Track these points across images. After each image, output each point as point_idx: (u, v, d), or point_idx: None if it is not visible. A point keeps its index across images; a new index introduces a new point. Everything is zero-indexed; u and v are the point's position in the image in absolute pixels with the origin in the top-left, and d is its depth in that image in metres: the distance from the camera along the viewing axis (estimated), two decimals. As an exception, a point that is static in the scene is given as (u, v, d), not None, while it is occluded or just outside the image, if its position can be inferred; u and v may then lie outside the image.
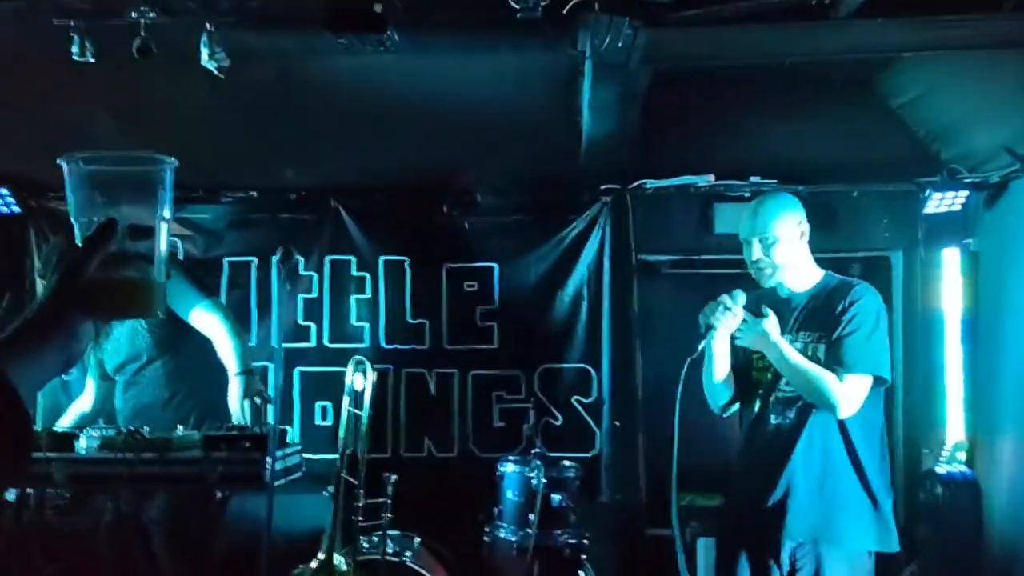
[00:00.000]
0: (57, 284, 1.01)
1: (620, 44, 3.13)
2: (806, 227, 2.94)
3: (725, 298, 2.85)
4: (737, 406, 3.03)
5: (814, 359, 2.78)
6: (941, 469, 4.45)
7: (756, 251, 2.88)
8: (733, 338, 2.92)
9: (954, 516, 4.31)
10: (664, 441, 3.03)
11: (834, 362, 2.75)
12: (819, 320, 2.84)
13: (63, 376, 4.85)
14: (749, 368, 2.97)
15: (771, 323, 2.82)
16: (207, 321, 3.41)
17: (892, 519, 2.89)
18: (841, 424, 2.77)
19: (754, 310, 2.88)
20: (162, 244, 1.06)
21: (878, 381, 2.79)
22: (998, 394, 4.34)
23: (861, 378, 2.74)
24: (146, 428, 3.10)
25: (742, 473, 2.99)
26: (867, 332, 2.76)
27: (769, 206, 2.93)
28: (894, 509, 4.64)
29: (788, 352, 2.78)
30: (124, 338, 3.57)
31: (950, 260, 4.79)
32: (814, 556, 2.78)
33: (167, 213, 1.06)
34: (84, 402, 3.83)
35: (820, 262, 4.94)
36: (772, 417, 2.85)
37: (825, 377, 2.73)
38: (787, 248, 2.87)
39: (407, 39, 3.21)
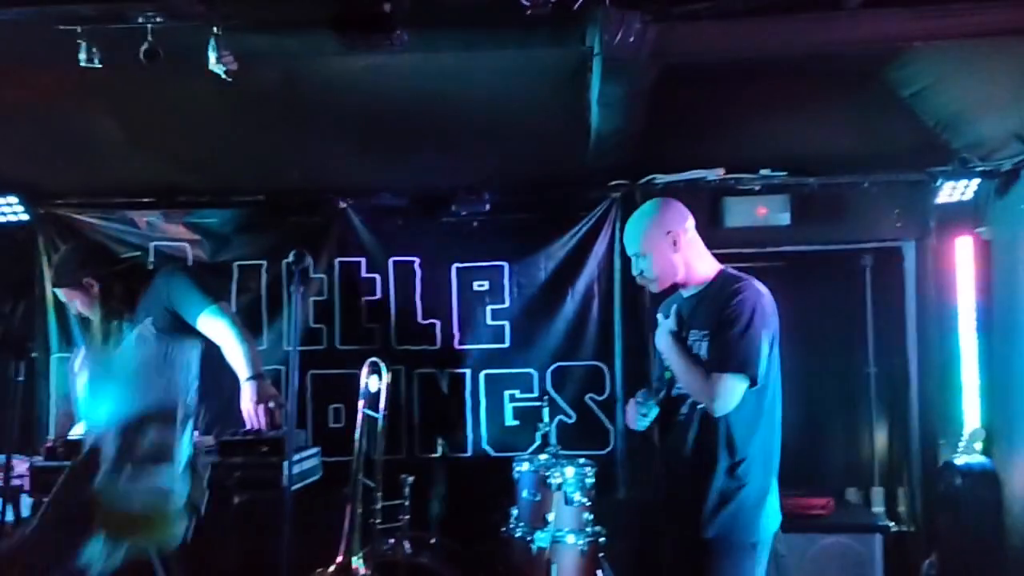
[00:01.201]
0: None
1: (630, 39, 3.11)
2: (682, 231, 2.96)
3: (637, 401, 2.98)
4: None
5: (700, 355, 2.83)
6: (959, 460, 4.42)
7: (634, 267, 3.01)
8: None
9: (973, 506, 4.29)
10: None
11: (708, 360, 2.80)
12: (704, 317, 2.88)
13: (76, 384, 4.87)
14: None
15: (667, 324, 2.94)
16: (214, 327, 3.40)
17: (779, 509, 2.92)
18: (721, 419, 2.78)
19: (665, 313, 3.03)
20: None
21: (749, 381, 2.77)
22: (1014, 382, 4.32)
23: (731, 377, 2.74)
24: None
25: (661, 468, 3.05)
26: (739, 331, 2.76)
27: (634, 222, 3.02)
28: (910, 499, 4.67)
29: (675, 352, 2.88)
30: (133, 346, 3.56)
31: (962, 249, 4.76)
32: (708, 549, 2.80)
33: None
34: None
35: (833, 253, 4.97)
36: (671, 415, 2.94)
37: (700, 375, 2.79)
38: (661, 258, 2.93)
39: (415, 38, 3.20)
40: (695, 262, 2.99)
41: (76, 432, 3.78)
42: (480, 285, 4.94)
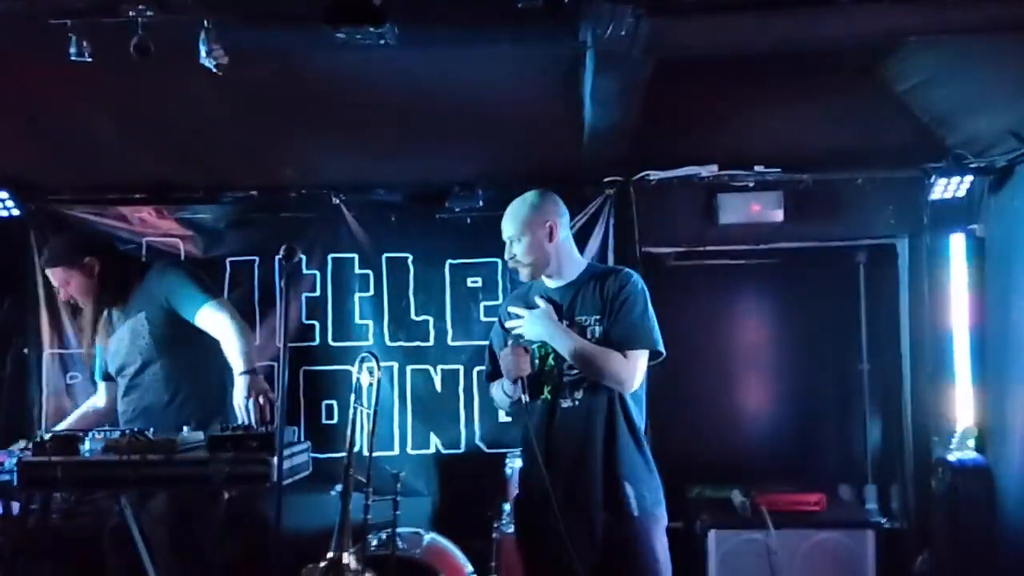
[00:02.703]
0: None
1: (622, 33, 3.10)
2: (559, 224, 3.05)
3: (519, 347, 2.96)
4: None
5: (593, 341, 2.92)
6: (952, 456, 4.43)
7: (508, 250, 3.05)
8: (517, 337, 3.01)
9: (966, 503, 4.29)
10: (673, 432, 3.04)
11: (615, 341, 2.91)
12: (591, 304, 2.97)
13: (67, 380, 4.86)
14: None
15: (549, 310, 2.98)
16: (214, 321, 3.39)
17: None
18: (620, 398, 2.91)
19: (525, 304, 3.05)
20: None
21: (653, 355, 2.95)
22: (1007, 379, 4.32)
23: (641, 353, 2.92)
24: (151, 430, 3.08)
25: (534, 459, 2.94)
26: (640, 311, 2.95)
27: (515, 207, 3.08)
28: (903, 495, 4.69)
29: (571, 335, 2.92)
30: (126, 340, 3.55)
31: (956, 246, 4.76)
32: (621, 526, 2.85)
33: None
34: (98, 399, 3.82)
35: (827, 250, 4.98)
36: (562, 402, 2.93)
37: (610, 355, 2.88)
38: (537, 245, 3.00)
39: (407, 32, 3.18)
40: (566, 256, 3.08)
41: (70, 421, 3.79)
42: (474, 281, 4.93)
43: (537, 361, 2.98)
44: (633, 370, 2.88)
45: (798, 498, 4.37)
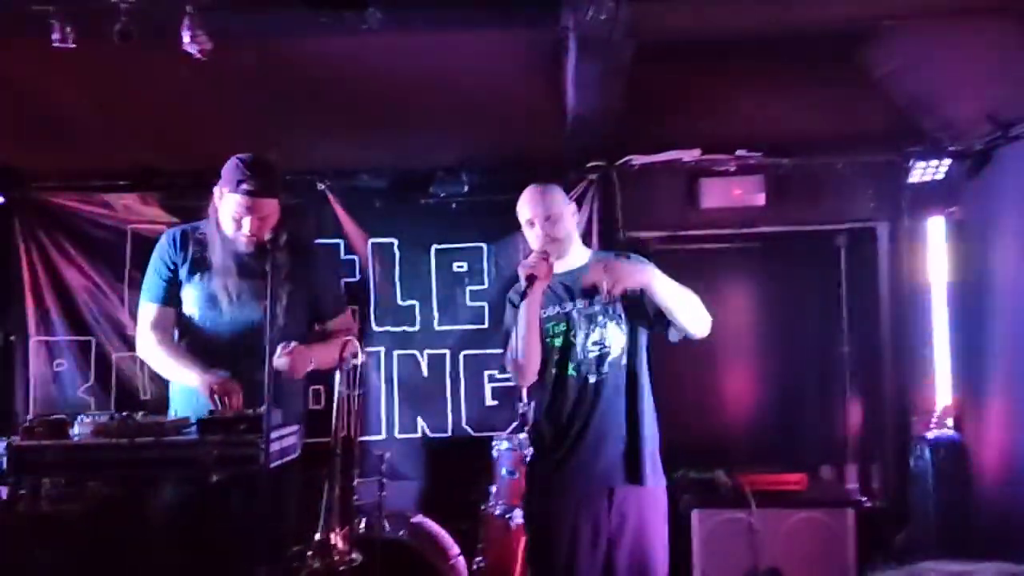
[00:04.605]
0: None
1: (603, 17, 3.13)
2: (574, 207, 3.21)
3: (545, 251, 3.00)
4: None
5: (622, 321, 3.02)
6: (930, 434, 4.50)
7: (539, 229, 3.08)
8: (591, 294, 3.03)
9: (943, 481, 4.37)
10: (657, 414, 3.09)
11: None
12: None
13: (53, 367, 4.86)
14: (543, 337, 3.06)
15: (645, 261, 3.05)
16: (345, 326, 3.49)
17: None
18: (640, 374, 3.03)
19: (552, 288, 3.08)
20: None
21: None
22: (985, 359, 4.39)
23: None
24: (140, 413, 3.09)
25: (563, 433, 3.03)
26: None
27: (547, 188, 3.16)
28: (883, 475, 4.77)
29: (671, 281, 2.96)
30: None
31: (935, 229, 4.82)
32: (637, 495, 2.98)
33: None
34: None
35: (807, 233, 5.02)
36: (589, 377, 3.00)
37: (696, 298, 2.99)
38: (568, 224, 3.12)
39: (390, 17, 3.20)
40: (578, 241, 3.19)
41: None
42: (459, 266, 4.96)
43: (560, 340, 3.04)
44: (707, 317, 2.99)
45: (780, 478, 4.43)
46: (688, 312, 2.95)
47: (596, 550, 2.93)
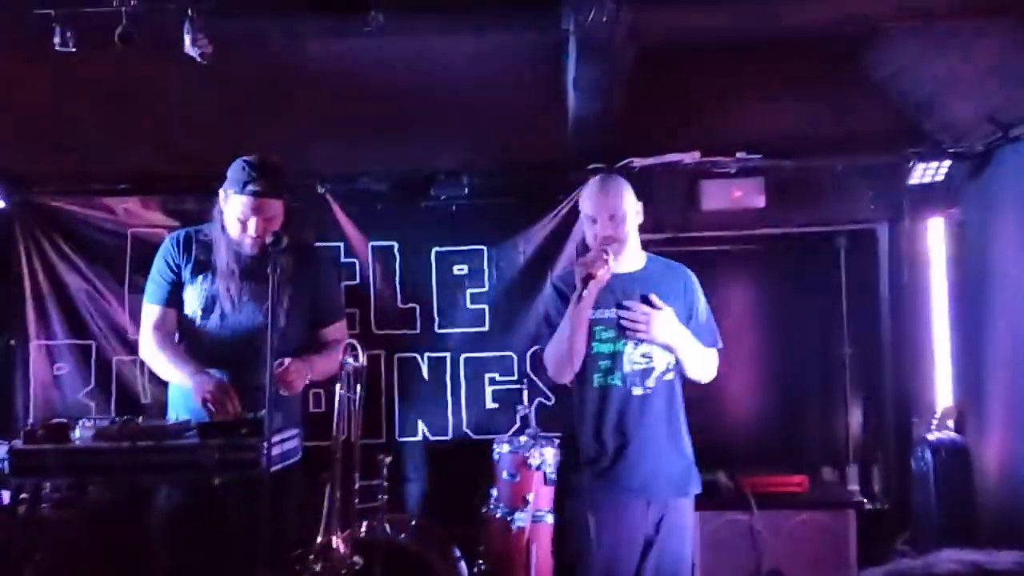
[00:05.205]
0: None
1: (604, 19, 3.13)
2: (639, 207, 3.18)
3: (605, 251, 2.99)
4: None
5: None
6: (931, 436, 4.50)
7: (605, 226, 3.06)
8: (628, 332, 3.06)
9: (945, 483, 4.36)
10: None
11: (702, 337, 3.14)
12: (668, 297, 3.10)
13: (54, 371, 4.86)
14: (589, 339, 3.07)
15: (668, 310, 3.07)
16: (338, 335, 3.52)
17: None
18: (678, 388, 3.16)
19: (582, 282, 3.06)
20: None
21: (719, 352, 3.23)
22: (986, 361, 4.39)
23: (716, 351, 3.21)
24: (140, 417, 3.10)
25: (606, 444, 3.07)
26: (710, 311, 3.22)
27: (617, 183, 3.15)
28: (885, 476, 4.79)
29: (692, 338, 3.09)
30: None
31: (935, 230, 4.82)
32: (673, 506, 3.09)
33: None
34: None
35: (807, 235, 5.03)
36: (633, 389, 3.05)
37: (710, 357, 3.17)
38: (631, 225, 3.12)
39: (392, 20, 3.20)
40: (636, 243, 3.19)
41: None
42: (460, 269, 4.95)
43: (608, 347, 3.06)
44: (715, 366, 3.19)
45: (781, 480, 4.43)
46: (698, 370, 3.13)
47: (633, 556, 3.00)
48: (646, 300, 3.06)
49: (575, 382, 3.06)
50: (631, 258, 3.14)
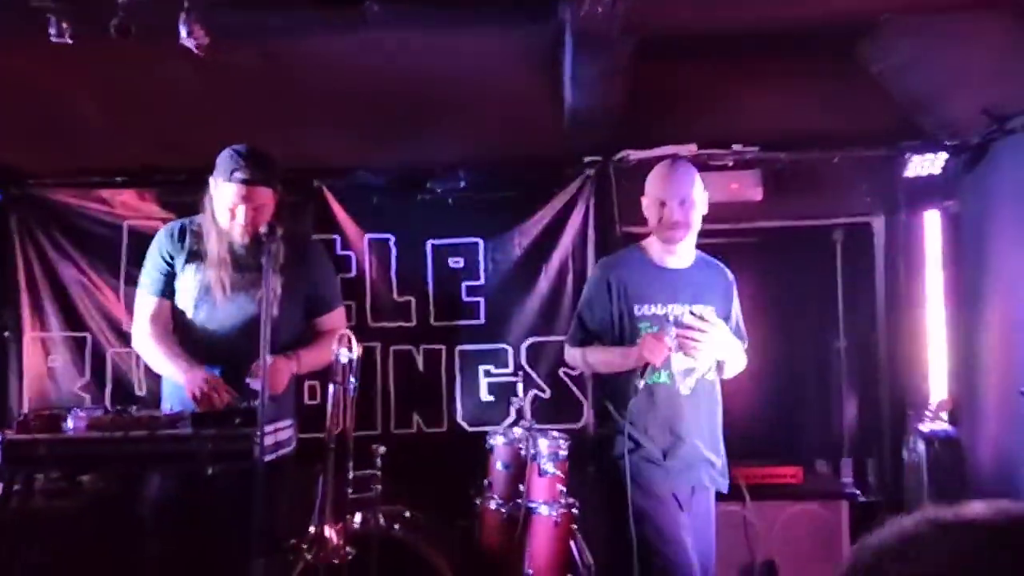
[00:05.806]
0: None
1: (600, 12, 3.12)
2: (707, 198, 3.23)
3: (667, 340, 3.03)
4: None
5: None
6: (925, 428, 4.51)
7: (675, 211, 3.10)
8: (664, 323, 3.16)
9: (938, 474, 4.38)
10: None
11: (738, 336, 3.32)
12: (708, 294, 3.22)
13: (48, 363, 4.86)
14: (636, 337, 3.15)
15: (724, 327, 3.17)
16: (336, 323, 3.55)
17: None
18: (719, 389, 3.31)
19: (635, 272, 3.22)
20: None
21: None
22: (980, 353, 4.39)
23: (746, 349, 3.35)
24: (134, 407, 3.10)
25: (651, 438, 3.20)
26: (740, 308, 3.38)
27: (692, 173, 3.18)
28: (879, 469, 4.80)
29: (736, 346, 3.24)
30: None
31: (931, 223, 4.83)
32: (703, 500, 3.26)
33: None
34: None
35: (804, 228, 5.03)
36: (680, 388, 3.16)
37: (742, 352, 3.31)
38: (699, 212, 3.18)
39: (389, 15, 3.20)
40: (694, 234, 3.27)
41: None
42: (455, 262, 4.95)
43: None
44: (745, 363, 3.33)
45: (775, 471, 4.45)
46: (734, 372, 3.32)
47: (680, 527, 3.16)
48: (699, 315, 3.09)
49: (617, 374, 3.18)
50: (684, 253, 3.20)
